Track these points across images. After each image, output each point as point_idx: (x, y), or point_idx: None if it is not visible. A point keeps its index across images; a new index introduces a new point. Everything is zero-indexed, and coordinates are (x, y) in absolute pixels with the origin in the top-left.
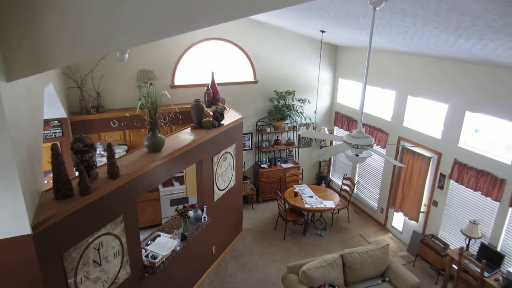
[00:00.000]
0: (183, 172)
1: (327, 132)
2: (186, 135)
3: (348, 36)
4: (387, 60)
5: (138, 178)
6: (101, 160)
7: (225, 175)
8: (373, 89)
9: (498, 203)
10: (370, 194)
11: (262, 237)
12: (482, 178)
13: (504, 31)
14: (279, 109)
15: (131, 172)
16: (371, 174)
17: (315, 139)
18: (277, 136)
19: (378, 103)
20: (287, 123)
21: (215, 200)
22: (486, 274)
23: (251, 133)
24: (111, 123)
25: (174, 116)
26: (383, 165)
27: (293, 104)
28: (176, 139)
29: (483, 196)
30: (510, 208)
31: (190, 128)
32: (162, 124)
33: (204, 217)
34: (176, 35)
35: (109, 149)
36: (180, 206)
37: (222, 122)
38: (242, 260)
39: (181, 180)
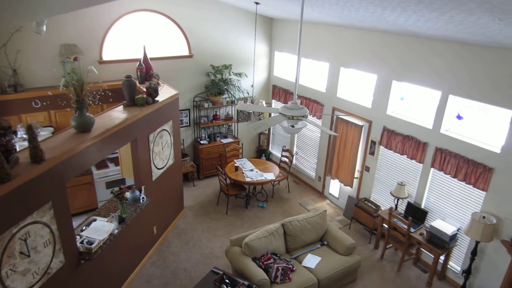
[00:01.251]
0: (117, 152)
1: (264, 105)
2: (118, 114)
3: (282, 8)
4: (321, 32)
5: (67, 161)
6: (24, 144)
7: (162, 153)
8: (308, 62)
9: (421, 165)
10: (308, 164)
11: (204, 213)
12: (408, 142)
13: (424, 3)
14: (216, 84)
15: (58, 155)
16: (308, 145)
17: (254, 113)
18: (216, 112)
19: (313, 75)
20: (225, 98)
21: (153, 179)
22: (412, 229)
23: (189, 109)
24: (33, 103)
25: (104, 94)
26: (319, 135)
27: (230, 78)
28: (108, 118)
29: (409, 159)
30: (432, 169)
31: (122, 106)
32: (91, 102)
33: (143, 198)
34: (99, 4)
35: (30, 132)
36: (116, 188)
37: (156, 99)
38: (185, 238)
39: (116, 161)
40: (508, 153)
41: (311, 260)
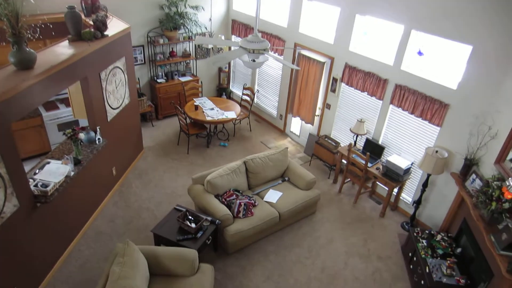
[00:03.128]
0: (67, 93)
1: (223, 39)
2: (63, 49)
3: None
4: None
5: (7, 101)
6: None
7: (117, 92)
8: None
9: (381, 102)
10: (269, 102)
11: (165, 153)
12: (369, 79)
13: None
14: (171, 18)
15: None
16: (270, 83)
17: (212, 49)
18: (172, 48)
19: (275, 10)
20: (181, 33)
21: (109, 120)
22: (369, 164)
23: (143, 46)
24: None
25: (44, 27)
26: (281, 73)
27: (186, 12)
28: (52, 54)
29: (369, 96)
30: (391, 106)
31: (67, 41)
32: (30, 36)
33: (99, 139)
34: None
35: None
36: (69, 130)
37: (106, 33)
38: (147, 178)
39: (67, 102)
40: (464, 89)
41: (272, 196)
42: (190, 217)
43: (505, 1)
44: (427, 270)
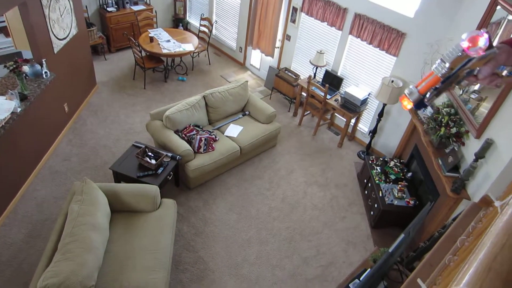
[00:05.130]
0: (4, 21)
1: None
2: None
3: None
4: None
5: None
6: None
7: (62, 21)
8: None
9: (340, 32)
10: (228, 34)
11: (120, 88)
12: (329, 8)
13: None
14: None
15: None
16: (228, 13)
17: None
18: None
19: None
20: None
21: (55, 51)
22: (328, 96)
23: None
24: None
25: None
26: (240, 1)
27: None
28: None
29: (329, 27)
30: (350, 36)
31: None
32: None
33: (46, 72)
34: None
35: None
36: (11, 62)
37: None
38: (102, 114)
39: (5, 32)
40: (420, 17)
41: (233, 130)
42: (149, 154)
43: None
44: (380, 194)
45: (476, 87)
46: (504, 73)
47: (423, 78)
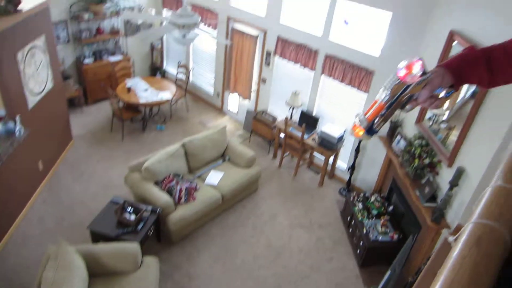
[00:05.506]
0: None
1: (153, 14)
2: None
3: None
4: None
5: None
6: None
7: (38, 75)
8: None
9: (313, 72)
10: (205, 80)
11: (97, 141)
12: (301, 51)
13: None
14: None
15: None
16: (205, 59)
17: (143, 24)
18: (99, 24)
19: None
20: (108, 8)
21: (30, 107)
22: (306, 136)
23: (66, 21)
24: None
25: None
26: (216, 48)
27: None
28: None
29: (302, 67)
30: (322, 75)
31: None
32: None
33: (19, 130)
34: None
35: None
36: None
37: (19, 8)
38: (79, 170)
39: None
40: (385, 55)
41: (213, 177)
42: (128, 209)
43: None
44: (364, 231)
45: (445, 117)
46: (442, 94)
47: (370, 106)
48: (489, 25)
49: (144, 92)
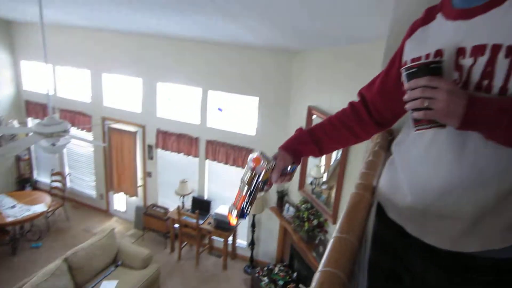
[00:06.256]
0: None
1: (16, 125)
2: None
3: (17, 8)
4: (77, 36)
5: None
6: None
7: None
8: (66, 70)
9: (197, 159)
10: (85, 183)
11: None
12: (182, 140)
13: (170, 6)
14: None
15: None
16: (82, 163)
17: (4, 136)
18: None
19: (75, 85)
20: None
21: None
22: (200, 221)
23: None
24: None
25: None
26: (93, 149)
27: None
28: None
29: (186, 156)
30: (207, 160)
31: None
32: None
33: None
34: None
35: None
36: None
37: None
38: None
39: None
40: (260, 133)
41: None
42: None
43: (277, 65)
44: None
45: (324, 178)
46: (288, 169)
47: (236, 196)
48: (334, 99)
49: (11, 209)
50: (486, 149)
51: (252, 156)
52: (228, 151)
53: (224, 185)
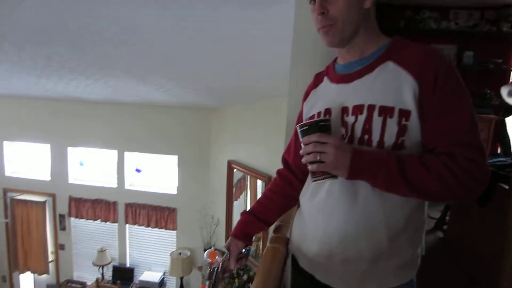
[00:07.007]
0: None
1: None
2: None
3: None
4: None
5: None
6: None
7: None
8: None
9: (116, 224)
10: None
11: None
12: (98, 206)
13: (77, 71)
14: None
15: None
16: None
17: None
18: None
19: None
20: None
21: None
22: None
23: None
24: None
25: None
26: None
27: None
28: None
29: (104, 223)
30: (127, 225)
31: None
32: None
33: None
34: None
35: None
36: None
37: None
38: None
39: None
40: (182, 192)
41: None
42: None
43: (195, 122)
44: None
45: None
46: (243, 251)
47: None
48: (252, 151)
49: None
50: (374, 196)
51: (207, 252)
52: (150, 212)
53: (148, 249)
